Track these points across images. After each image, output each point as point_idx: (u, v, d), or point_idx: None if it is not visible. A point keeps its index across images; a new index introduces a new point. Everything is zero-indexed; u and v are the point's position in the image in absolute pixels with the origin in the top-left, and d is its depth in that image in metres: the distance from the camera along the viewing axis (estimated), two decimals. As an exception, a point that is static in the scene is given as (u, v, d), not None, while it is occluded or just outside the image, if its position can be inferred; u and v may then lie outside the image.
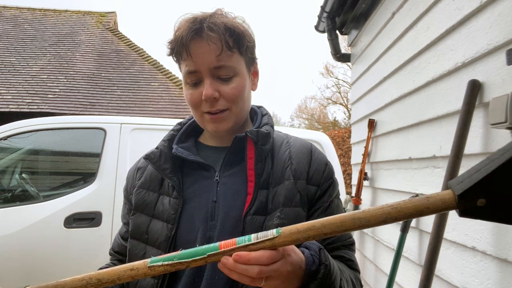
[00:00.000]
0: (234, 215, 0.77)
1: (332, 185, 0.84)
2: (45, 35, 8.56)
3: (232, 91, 0.80)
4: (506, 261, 1.19)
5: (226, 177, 0.82)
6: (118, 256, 0.91)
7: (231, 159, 0.83)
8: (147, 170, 0.88)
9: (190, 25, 0.77)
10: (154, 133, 2.97)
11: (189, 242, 0.77)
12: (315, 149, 0.88)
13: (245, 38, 0.81)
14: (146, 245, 0.80)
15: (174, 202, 0.80)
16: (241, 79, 0.81)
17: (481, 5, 1.34)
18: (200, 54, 0.77)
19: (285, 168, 0.81)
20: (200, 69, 0.78)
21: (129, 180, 0.92)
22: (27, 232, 2.55)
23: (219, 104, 0.80)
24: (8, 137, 2.79)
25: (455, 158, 1.39)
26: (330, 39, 3.20)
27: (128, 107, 6.78)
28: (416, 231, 1.86)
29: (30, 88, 6.84)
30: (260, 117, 0.90)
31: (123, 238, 0.90)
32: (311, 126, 22.29)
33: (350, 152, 3.69)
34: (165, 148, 0.85)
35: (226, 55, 0.78)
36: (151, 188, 0.85)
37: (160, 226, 0.79)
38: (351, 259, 0.82)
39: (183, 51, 0.78)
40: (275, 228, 0.73)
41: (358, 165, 2.85)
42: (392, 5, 2.24)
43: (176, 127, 0.93)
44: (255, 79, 0.90)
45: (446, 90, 1.60)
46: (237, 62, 0.81)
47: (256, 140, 0.80)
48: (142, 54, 8.30)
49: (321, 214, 0.80)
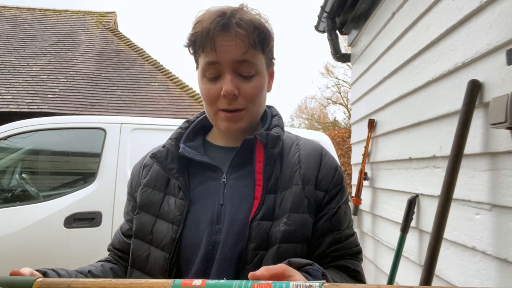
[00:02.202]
0: (240, 219, 0.75)
1: (340, 191, 0.82)
2: (45, 35, 8.56)
3: (252, 90, 0.78)
4: (506, 261, 1.19)
5: (234, 180, 0.80)
6: (117, 253, 0.89)
7: (239, 161, 0.81)
8: (153, 168, 0.86)
9: (217, 19, 0.74)
10: (154, 133, 2.97)
11: (194, 245, 0.75)
12: (326, 153, 0.85)
13: (270, 39, 0.80)
14: (150, 245, 0.79)
15: (180, 203, 0.78)
16: (261, 79, 0.80)
17: (481, 5, 1.34)
18: (225, 47, 0.75)
19: (294, 172, 0.79)
20: (222, 61, 0.76)
21: (134, 177, 0.90)
22: (27, 232, 2.55)
23: (237, 103, 0.78)
24: (8, 137, 2.79)
25: (455, 158, 1.39)
26: (330, 39, 3.20)
27: (128, 107, 6.78)
28: (416, 231, 1.86)
29: (30, 88, 6.84)
30: (270, 118, 0.88)
31: (125, 235, 0.88)
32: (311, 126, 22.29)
33: (350, 152, 3.69)
34: (172, 147, 0.83)
35: (251, 53, 0.77)
36: (157, 187, 0.83)
37: (165, 227, 0.78)
38: (356, 270, 0.79)
39: (208, 43, 0.75)
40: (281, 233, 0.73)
41: (358, 165, 2.85)
42: (392, 5, 2.24)
43: (184, 125, 0.90)
44: (271, 81, 0.89)
45: (446, 90, 1.60)
46: (260, 61, 0.80)
47: (266, 143, 0.78)
48: (142, 54, 8.30)
49: (327, 221, 0.78)
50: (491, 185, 1.28)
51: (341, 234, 0.79)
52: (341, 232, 0.79)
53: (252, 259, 0.72)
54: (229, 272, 0.72)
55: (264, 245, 0.73)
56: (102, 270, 0.82)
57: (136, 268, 0.80)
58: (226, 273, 0.72)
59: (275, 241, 0.73)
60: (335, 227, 0.79)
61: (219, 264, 0.73)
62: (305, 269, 0.64)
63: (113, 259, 0.89)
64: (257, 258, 0.72)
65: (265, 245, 0.73)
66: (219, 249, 0.74)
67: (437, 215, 1.43)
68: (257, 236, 0.73)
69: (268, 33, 0.79)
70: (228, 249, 0.73)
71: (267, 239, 0.73)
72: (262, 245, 0.73)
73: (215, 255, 0.74)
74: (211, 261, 0.74)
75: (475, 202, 1.37)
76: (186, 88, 7.53)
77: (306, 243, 0.75)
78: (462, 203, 1.45)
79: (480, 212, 1.34)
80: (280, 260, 0.71)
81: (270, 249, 0.73)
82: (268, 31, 0.80)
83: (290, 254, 0.73)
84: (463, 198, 1.44)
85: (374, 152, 2.61)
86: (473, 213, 1.38)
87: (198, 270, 0.74)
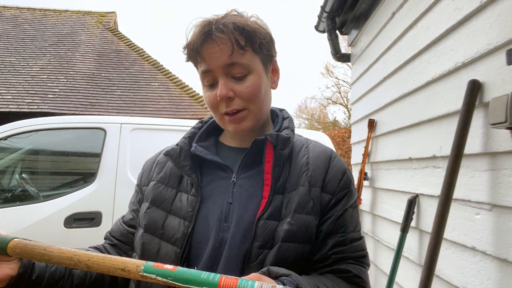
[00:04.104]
0: (247, 218, 0.76)
1: (347, 194, 0.82)
2: (45, 35, 8.56)
3: (247, 90, 0.79)
4: (506, 261, 1.19)
5: (243, 179, 0.82)
6: (113, 240, 0.89)
7: (249, 161, 0.83)
8: (167, 166, 0.88)
9: (200, 29, 0.77)
10: (154, 133, 2.97)
11: (203, 242, 0.77)
12: (335, 156, 0.86)
13: (257, 35, 0.80)
14: (161, 240, 0.79)
15: (192, 200, 0.80)
16: (256, 77, 0.80)
17: (481, 5, 1.34)
18: (211, 55, 0.77)
19: (302, 173, 0.80)
20: (213, 68, 0.78)
21: (145, 171, 0.92)
22: (27, 232, 2.54)
23: (235, 104, 0.79)
24: (8, 137, 2.79)
25: (455, 158, 1.39)
26: (330, 39, 3.20)
27: (128, 107, 6.78)
28: (416, 231, 1.86)
29: (30, 88, 6.84)
30: (281, 121, 0.90)
31: (126, 224, 0.89)
32: (311, 126, 22.30)
33: (350, 152, 3.69)
34: (185, 146, 0.85)
35: (238, 54, 0.77)
36: (170, 184, 0.85)
37: (177, 223, 0.79)
38: (358, 276, 0.78)
39: (196, 55, 0.79)
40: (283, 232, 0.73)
41: (358, 165, 2.85)
42: (392, 5, 2.24)
43: (197, 125, 0.93)
44: (274, 77, 0.89)
45: (446, 90, 1.60)
46: (251, 59, 0.80)
47: (276, 144, 0.80)
48: (142, 54, 8.30)
49: (332, 223, 0.78)
50: (491, 185, 1.28)
51: (345, 236, 0.79)
52: (345, 235, 0.79)
53: (256, 258, 0.73)
54: (235, 270, 0.73)
55: (269, 244, 0.74)
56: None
57: None
58: (232, 271, 0.73)
59: (278, 240, 0.74)
60: (339, 229, 0.79)
61: (226, 261, 0.74)
62: (280, 279, 0.65)
63: (102, 247, 0.89)
64: (261, 257, 0.73)
65: (270, 244, 0.74)
66: (226, 247, 0.75)
67: (437, 215, 1.43)
68: (262, 235, 0.74)
69: (253, 29, 0.79)
70: (234, 247, 0.74)
71: (272, 238, 0.74)
72: (267, 244, 0.74)
73: (222, 253, 0.75)
74: (218, 258, 0.75)
75: (475, 202, 1.37)
76: (186, 88, 7.53)
77: (308, 244, 0.75)
78: (462, 203, 1.45)
79: (480, 212, 1.34)
80: (281, 259, 0.72)
81: (273, 248, 0.73)
82: (253, 28, 0.79)
83: (291, 253, 0.73)
84: (463, 198, 1.44)
85: (374, 152, 2.61)
86: (473, 213, 1.38)
87: (205, 267, 0.75)
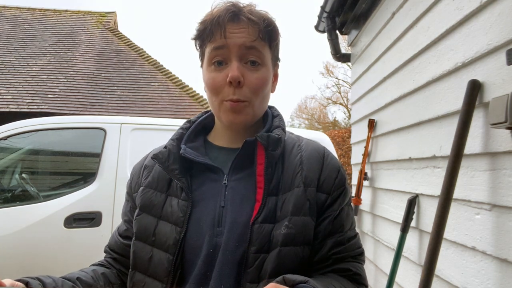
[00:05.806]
0: (241, 222, 0.74)
1: (343, 193, 0.81)
2: (45, 35, 8.56)
3: (257, 81, 0.77)
4: (506, 261, 1.19)
5: (235, 181, 0.79)
6: (112, 255, 0.88)
7: (240, 163, 0.80)
8: (155, 169, 0.84)
9: (228, 7, 0.76)
10: (154, 133, 2.98)
11: (196, 248, 0.74)
12: (328, 154, 0.84)
13: (277, 34, 0.81)
14: (153, 247, 0.77)
15: (183, 204, 0.77)
16: (267, 72, 0.80)
17: (481, 5, 1.34)
18: (235, 33, 0.75)
19: (296, 174, 0.78)
20: (230, 45, 0.75)
21: (134, 177, 0.89)
22: (27, 232, 2.55)
23: (241, 93, 0.76)
24: (8, 137, 2.79)
25: (455, 158, 1.39)
26: (330, 39, 3.20)
27: (128, 107, 6.78)
28: (416, 231, 1.86)
29: (30, 88, 6.84)
30: (271, 119, 0.87)
31: (122, 236, 0.87)
32: (311, 126, 22.28)
33: (350, 152, 3.69)
34: (173, 148, 0.82)
35: (260, 43, 0.77)
36: (159, 189, 0.82)
37: (169, 229, 0.76)
38: (358, 273, 0.78)
39: (218, 30, 0.75)
40: (282, 236, 0.72)
41: (358, 165, 2.85)
42: (392, 5, 2.24)
43: (185, 125, 0.89)
44: (274, 82, 0.88)
45: (446, 90, 1.60)
46: (267, 54, 0.80)
47: (267, 146, 0.77)
48: (142, 54, 8.30)
49: (329, 223, 0.77)
50: (491, 185, 1.28)
51: (343, 236, 0.78)
52: (343, 234, 0.79)
53: (253, 262, 0.71)
54: (230, 276, 0.71)
55: (265, 248, 0.72)
56: (92, 276, 0.80)
57: (137, 271, 0.79)
58: (227, 276, 0.71)
59: (276, 244, 0.72)
60: (337, 229, 0.78)
61: (220, 267, 0.72)
62: (298, 286, 0.63)
63: (106, 263, 0.88)
64: (258, 261, 0.71)
65: (266, 248, 0.72)
66: (220, 252, 0.73)
67: (437, 215, 1.43)
68: (258, 239, 0.72)
69: (276, 27, 0.81)
70: (229, 252, 0.72)
71: (268, 242, 0.72)
72: (263, 248, 0.72)
73: (216, 258, 0.73)
74: (212, 264, 0.73)
75: (475, 202, 1.37)
76: (186, 88, 7.53)
77: (307, 245, 0.74)
78: (462, 203, 1.45)
79: (480, 212, 1.34)
80: (281, 264, 0.71)
81: (271, 252, 0.72)
82: (276, 26, 0.81)
83: (291, 257, 0.72)
84: (463, 198, 1.44)
85: (374, 152, 2.61)
86: (473, 213, 1.38)
87: (199, 273, 0.73)
